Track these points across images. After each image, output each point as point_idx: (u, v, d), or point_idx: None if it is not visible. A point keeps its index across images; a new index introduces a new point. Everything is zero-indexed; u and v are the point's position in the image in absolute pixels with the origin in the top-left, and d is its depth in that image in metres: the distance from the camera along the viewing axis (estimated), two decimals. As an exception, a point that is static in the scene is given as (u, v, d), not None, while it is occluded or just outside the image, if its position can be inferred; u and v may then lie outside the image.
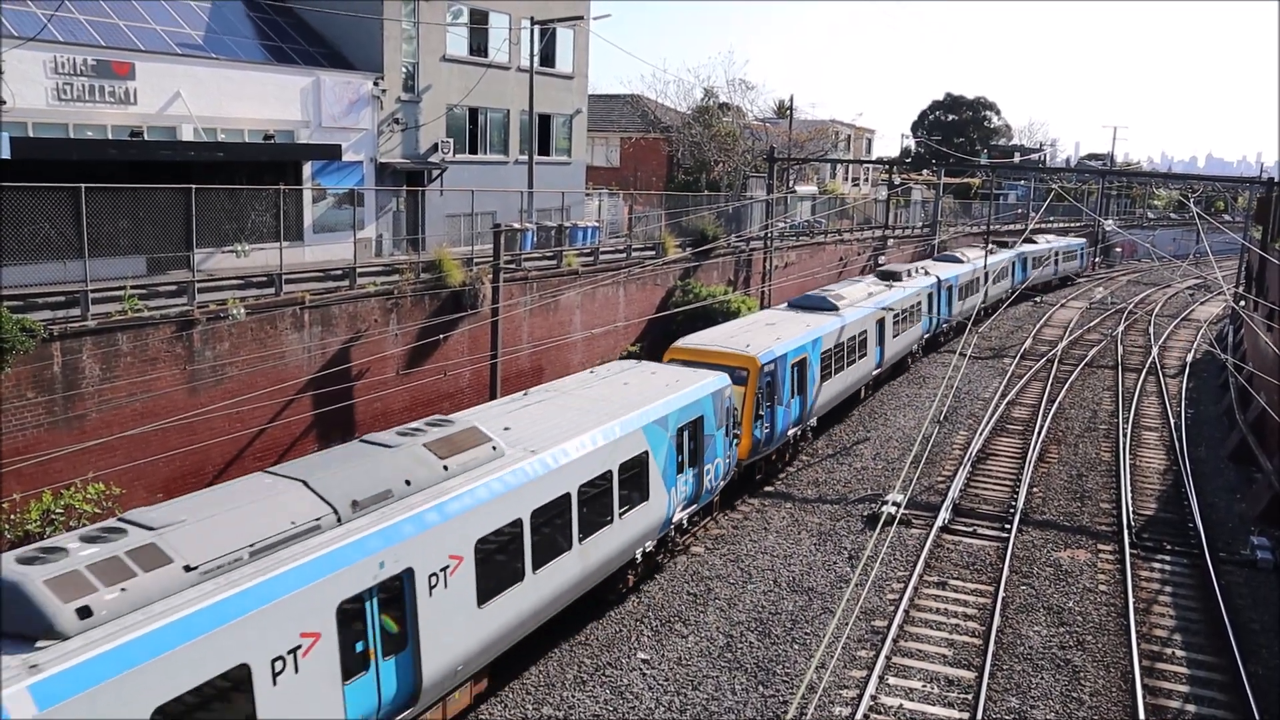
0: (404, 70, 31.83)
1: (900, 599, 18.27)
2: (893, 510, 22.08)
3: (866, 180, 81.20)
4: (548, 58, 37.80)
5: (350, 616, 11.23)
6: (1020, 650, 16.78)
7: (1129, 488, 24.97)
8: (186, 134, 25.27)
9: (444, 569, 12.59)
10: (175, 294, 20.25)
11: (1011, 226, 71.23)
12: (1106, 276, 75.11)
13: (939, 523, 22.06)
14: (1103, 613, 18.28)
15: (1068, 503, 24.09)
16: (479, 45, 34.94)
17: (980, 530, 22.11)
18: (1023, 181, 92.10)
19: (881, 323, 33.04)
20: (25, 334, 16.68)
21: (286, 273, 22.44)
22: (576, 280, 31.12)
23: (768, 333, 25.71)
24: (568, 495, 15.21)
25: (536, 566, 14.56)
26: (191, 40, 27.37)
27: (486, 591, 13.46)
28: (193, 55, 26.36)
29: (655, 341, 33.64)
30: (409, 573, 12.06)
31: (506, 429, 15.63)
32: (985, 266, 48.54)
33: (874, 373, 33.11)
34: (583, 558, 15.80)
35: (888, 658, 16.29)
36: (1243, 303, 38.10)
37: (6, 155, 18.36)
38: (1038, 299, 59.60)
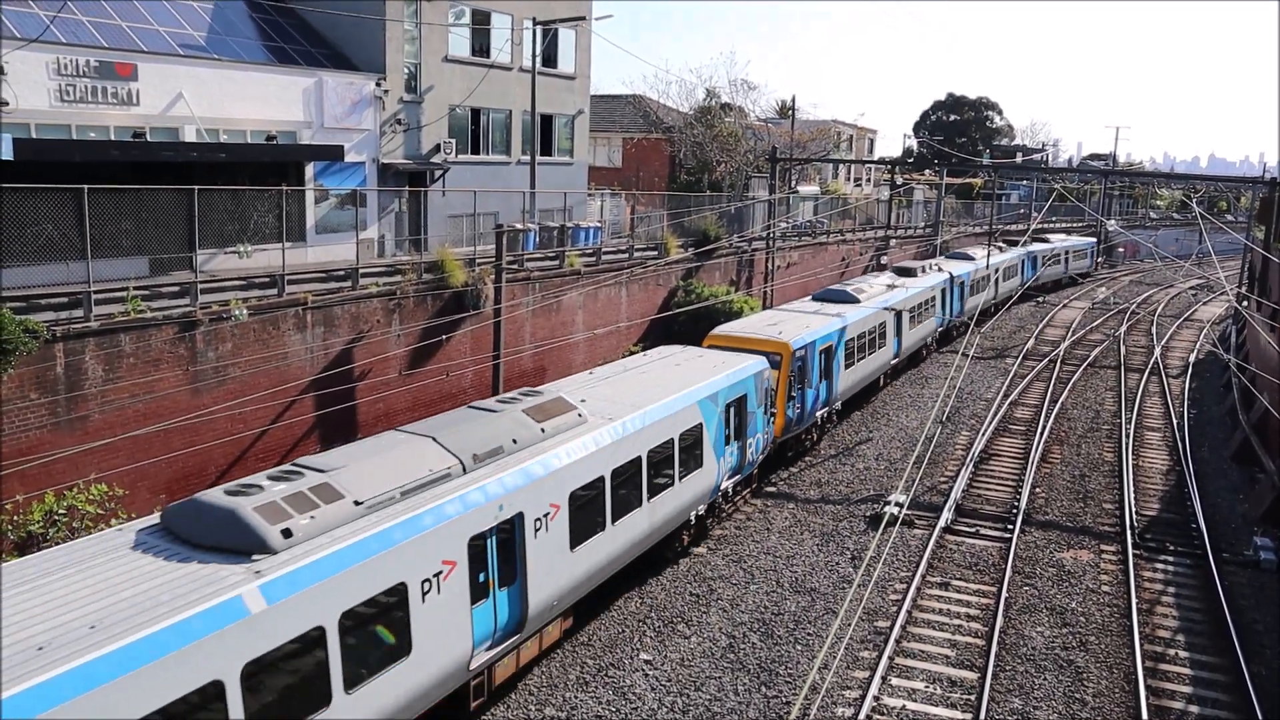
0: (406, 71, 31.85)
1: (903, 600, 18.26)
2: (895, 511, 22.07)
3: (868, 180, 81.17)
4: (550, 58, 37.82)
5: (477, 550, 13.32)
6: (1023, 651, 16.76)
7: (1132, 488, 24.94)
8: (189, 135, 25.30)
9: (545, 515, 14.68)
10: (178, 295, 20.27)
11: (1018, 226, 71.95)
12: (1109, 277, 75.03)
13: (941, 523, 22.05)
14: (1105, 613, 18.26)
15: (1070, 503, 24.07)
16: (481, 46, 34.96)
17: (983, 531, 22.10)
18: (1025, 182, 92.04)
19: (899, 315, 34.61)
20: (28, 335, 16.69)
21: (289, 273, 22.46)
22: (579, 280, 31.13)
23: (797, 322, 27.39)
24: (639, 458, 17.34)
25: (615, 519, 16.70)
26: (194, 41, 27.40)
27: (576, 537, 15.59)
28: (195, 56, 26.39)
29: (657, 342, 33.58)
30: (520, 516, 14.16)
31: (583, 400, 17.67)
32: (995, 264, 50.43)
33: (892, 362, 34.65)
34: (651, 514, 17.91)
35: (890, 658, 16.28)
36: (1245, 303, 38.05)
37: (9, 157, 18.39)
38: (1040, 299, 59.56)
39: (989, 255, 50.01)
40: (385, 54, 30.79)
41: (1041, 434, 29.37)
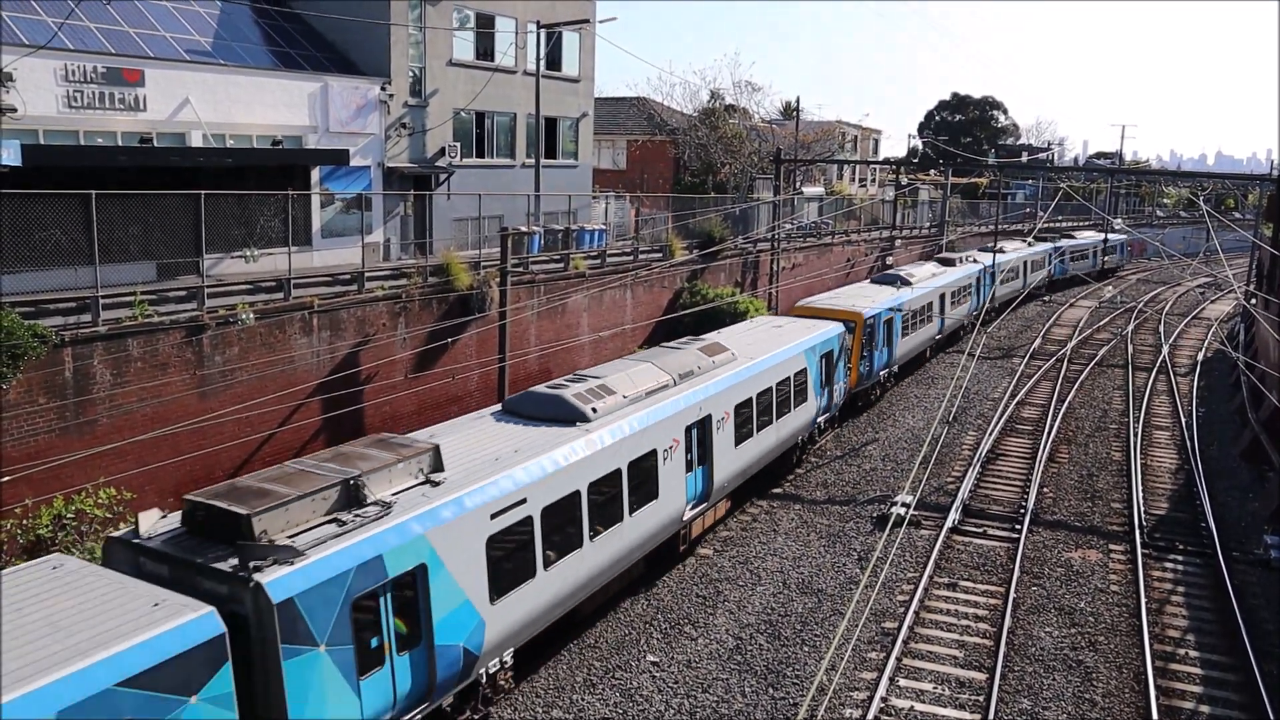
0: (411, 75, 31.92)
1: (910, 600, 18.22)
2: (902, 511, 22.02)
3: (874, 181, 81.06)
4: (554, 61, 37.86)
5: (688, 436, 18.98)
6: (1031, 651, 16.72)
7: (1140, 487, 24.87)
8: (196, 140, 25.40)
9: (722, 419, 20.31)
10: (185, 299, 20.33)
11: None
12: (1116, 275, 74.82)
13: (949, 524, 22.01)
14: (1114, 613, 18.21)
15: (1078, 503, 24.01)
16: (485, 49, 35.02)
17: (990, 531, 22.05)
18: (1031, 181, 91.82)
19: (943, 296, 40.38)
20: (37, 340, 16.76)
21: (295, 277, 22.51)
22: (584, 283, 31.14)
23: (865, 298, 33.14)
24: (771, 388, 23.12)
25: (759, 429, 22.42)
26: (200, 47, 27.50)
27: (739, 438, 21.32)
28: (201, 62, 26.48)
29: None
30: (709, 416, 19.78)
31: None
32: (1024, 256, 56.10)
33: (936, 336, 40.12)
34: (778, 430, 23.75)
35: (898, 659, 16.25)
36: (1254, 300, 37.91)
37: (18, 163, 18.47)
38: (1046, 299, 59.44)
39: (1023, 248, 56.62)
40: (390, 58, 30.86)
41: (1049, 433, 29.29)
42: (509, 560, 13.84)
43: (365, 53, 31.13)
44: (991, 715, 14.64)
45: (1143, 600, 18.35)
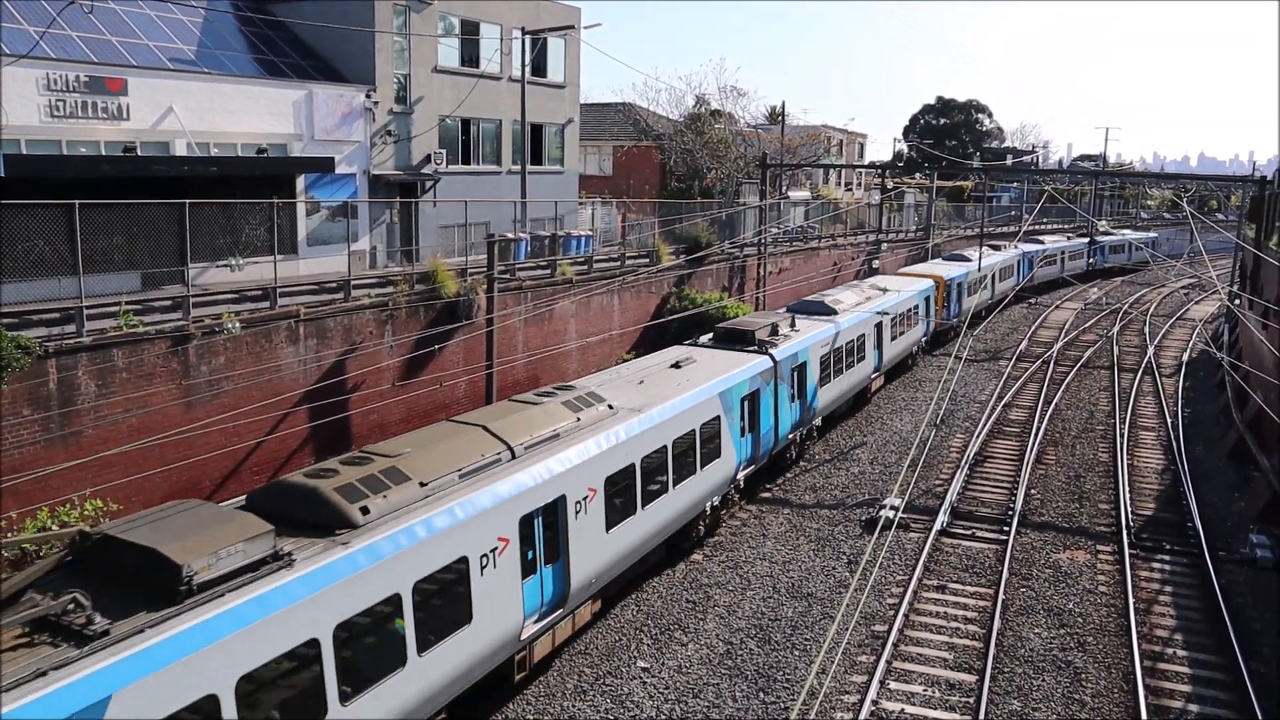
0: (396, 82, 31.88)
1: (900, 603, 18.25)
2: (891, 514, 22.08)
3: (859, 185, 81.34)
4: (539, 68, 37.88)
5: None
6: (1021, 653, 16.77)
7: (1127, 488, 24.98)
8: (180, 149, 25.29)
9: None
10: (170, 309, 20.23)
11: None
12: (1101, 277, 75.18)
13: (937, 526, 22.06)
14: (1103, 614, 18.28)
15: (1066, 504, 24.11)
16: (470, 56, 35.00)
17: (979, 533, 22.11)
18: (1016, 184, 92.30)
19: (995, 273, 53.00)
20: (20, 351, 16.65)
21: (281, 286, 22.43)
22: (571, 289, 31.13)
23: (941, 269, 45.80)
24: (880, 324, 32.48)
25: (890, 343, 33.25)
26: (184, 55, 27.40)
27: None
28: (185, 70, 26.38)
29: (651, 349, 33.60)
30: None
31: (838, 301, 31.69)
32: (1061, 247, 67.98)
33: (988, 301, 50.61)
34: (895, 348, 34.04)
35: (888, 662, 16.27)
36: (1238, 301, 38.18)
37: (1, 173, 18.36)
38: (1031, 300, 59.74)
39: (1053, 241, 67.91)
40: (375, 65, 30.82)
41: (1036, 435, 29.41)
42: None
43: (350, 60, 31.08)
44: (981, 717, 14.66)
45: (1131, 601, 18.43)
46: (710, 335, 25.89)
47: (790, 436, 25.55)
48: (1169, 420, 31.71)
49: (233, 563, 10.17)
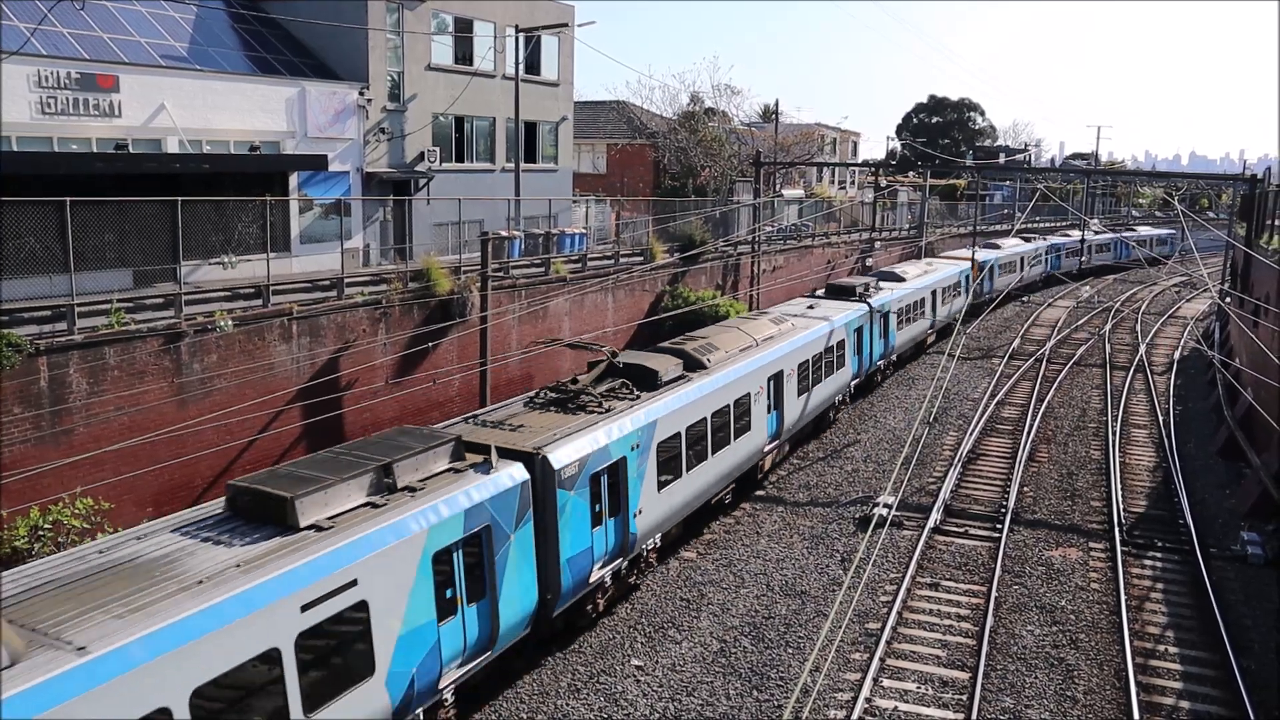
0: (389, 79, 31.81)
1: (893, 601, 18.29)
2: (884, 512, 22.10)
3: (853, 183, 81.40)
4: (533, 65, 37.83)
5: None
6: (1014, 650, 16.81)
7: (1119, 485, 25.07)
8: (172, 146, 25.20)
9: (905, 309, 34.51)
10: (162, 307, 20.16)
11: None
12: (1093, 275, 75.35)
13: (930, 524, 22.11)
14: (1095, 611, 18.34)
15: (1058, 502, 24.18)
16: (464, 54, 34.94)
17: (972, 531, 22.17)
18: (1008, 182, 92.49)
19: (1023, 260, 60.49)
20: (11, 349, 16.58)
21: (274, 284, 22.37)
22: (564, 287, 31.12)
23: (978, 253, 52.77)
24: (934, 291, 41.21)
25: (930, 313, 41.48)
26: (176, 52, 27.30)
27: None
28: (177, 67, 26.28)
29: (644, 347, 33.60)
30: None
31: (905, 272, 40.75)
32: (1089, 241, 74.15)
33: (1013, 284, 57.99)
34: (937, 316, 42.15)
35: (881, 660, 16.30)
36: (1228, 299, 38.32)
37: (-9, 170, 18.29)
38: (1025, 299, 59.88)
39: (1072, 236, 73.25)
40: (368, 63, 30.75)
41: (1029, 433, 29.49)
42: None
43: (343, 57, 31.00)
44: (975, 714, 14.71)
45: (1123, 597, 18.50)
46: (823, 290, 35.24)
47: (879, 364, 34.93)
48: (1160, 417, 31.81)
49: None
